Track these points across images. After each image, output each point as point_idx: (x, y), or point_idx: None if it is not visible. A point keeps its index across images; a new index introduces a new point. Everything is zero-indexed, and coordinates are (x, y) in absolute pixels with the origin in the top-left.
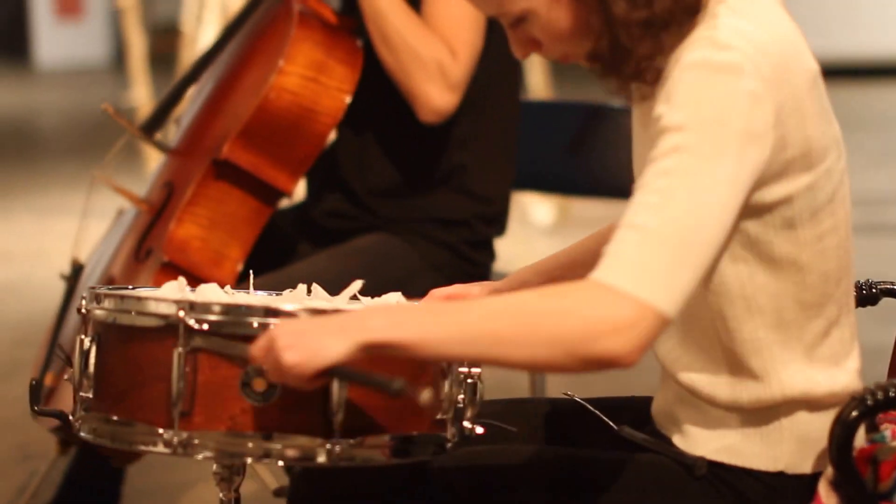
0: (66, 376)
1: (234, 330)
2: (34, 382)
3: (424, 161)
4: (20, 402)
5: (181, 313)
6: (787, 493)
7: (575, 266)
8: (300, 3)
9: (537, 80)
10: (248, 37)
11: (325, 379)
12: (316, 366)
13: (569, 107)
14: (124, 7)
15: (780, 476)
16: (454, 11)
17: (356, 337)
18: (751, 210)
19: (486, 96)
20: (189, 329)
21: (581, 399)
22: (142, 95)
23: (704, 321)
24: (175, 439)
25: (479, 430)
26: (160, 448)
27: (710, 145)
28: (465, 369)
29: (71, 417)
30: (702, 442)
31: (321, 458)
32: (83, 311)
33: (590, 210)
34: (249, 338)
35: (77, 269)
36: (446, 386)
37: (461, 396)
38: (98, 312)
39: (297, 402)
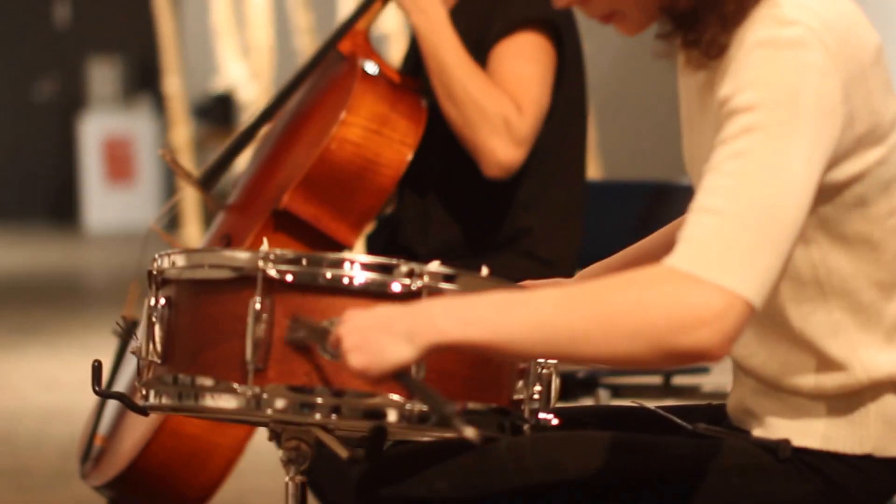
0: (130, 349)
1: (312, 280)
2: (96, 364)
3: (489, 223)
4: None
5: (260, 262)
6: (875, 475)
7: (644, 262)
8: (363, 59)
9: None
10: (308, 94)
11: (390, 381)
12: (381, 369)
13: (636, 186)
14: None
15: (867, 459)
16: (521, 68)
17: (424, 339)
18: (822, 191)
19: (552, 158)
20: (267, 279)
21: (650, 406)
22: (192, 236)
23: (778, 309)
24: (248, 392)
25: (555, 420)
26: (228, 403)
27: (782, 124)
28: (541, 360)
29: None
30: (784, 431)
31: (392, 417)
32: (153, 271)
33: None
34: (327, 289)
35: (130, 326)
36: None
37: (537, 388)
38: (170, 270)
39: None
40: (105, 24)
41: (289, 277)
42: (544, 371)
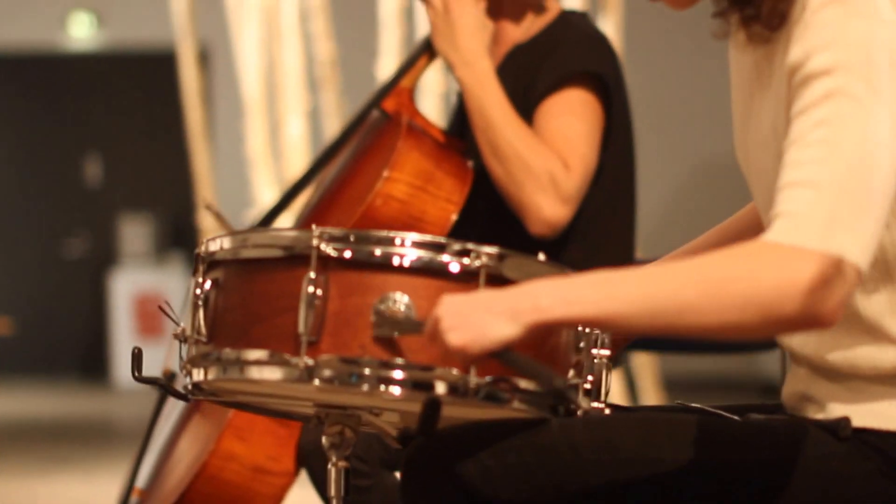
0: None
1: (367, 257)
2: (136, 350)
3: None
4: None
5: (314, 240)
6: None
7: (725, 245)
8: (408, 118)
9: None
10: (352, 154)
11: (490, 361)
12: (482, 347)
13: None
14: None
15: None
16: (568, 124)
17: (528, 317)
18: None
19: (601, 222)
20: (321, 256)
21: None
22: None
23: None
24: (300, 363)
25: (607, 410)
26: (274, 374)
27: (863, 86)
28: (595, 351)
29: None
30: (843, 412)
31: (440, 389)
32: (201, 254)
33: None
34: (380, 265)
35: (170, 378)
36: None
37: (590, 378)
38: (219, 253)
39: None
40: (136, 182)
41: (346, 254)
42: (597, 362)
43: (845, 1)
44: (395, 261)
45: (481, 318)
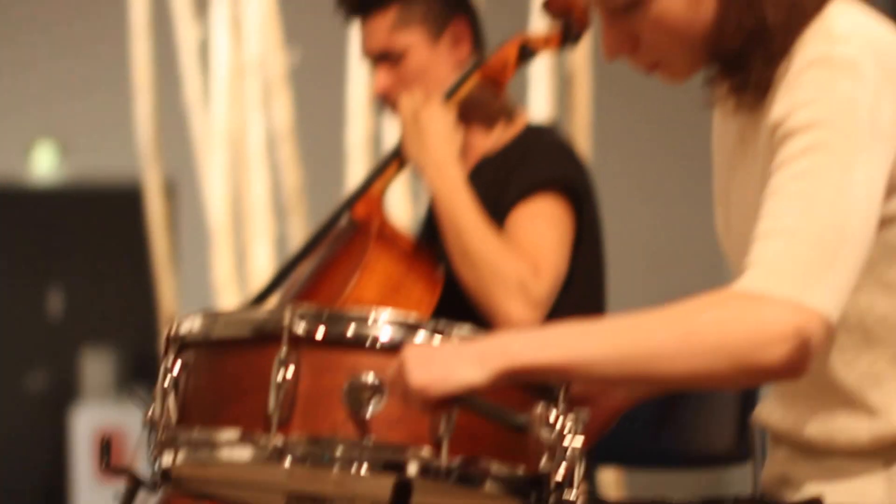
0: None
1: (339, 336)
2: (105, 441)
3: None
4: None
5: (286, 318)
6: None
7: None
8: (378, 224)
9: None
10: (321, 261)
11: (450, 407)
12: (444, 390)
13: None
14: None
15: None
16: (539, 231)
17: (496, 363)
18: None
19: None
20: (293, 335)
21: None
22: None
23: (819, 359)
24: (269, 444)
25: (580, 500)
26: (244, 454)
27: (843, 142)
28: (568, 440)
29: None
30: (820, 492)
31: (412, 469)
32: (170, 335)
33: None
34: (353, 344)
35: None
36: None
37: (563, 466)
38: (189, 334)
39: (404, 416)
40: (98, 315)
41: (318, 333)
42: (571, 450)
43: (829, 62)
44: (368, 340)
45: (447, 361)
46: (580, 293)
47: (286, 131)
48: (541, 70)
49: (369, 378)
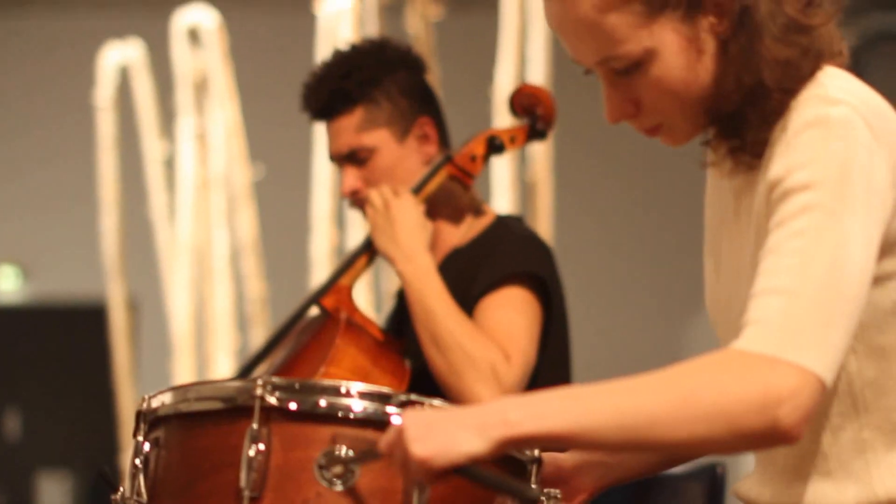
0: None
1: (311, 408)
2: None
3: None
4: None
5: (258, 390)
6: None
7: None
8: (347, 315)
9: None
10: (289, 352)
11: (453, 477)
12: (448, 460)
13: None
14: None
15: None
16: (508, 318)
17: (496, 432)
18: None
19: None
20: (264, 407)
21: None
22: None
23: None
24: None
25: None
26: None
27: (840, 201)
28: None
29: None
30: None
31: None
32: (141, 410)
33: None
34: (324, 416)
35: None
36: None
37: None
38: (160, 409)
39: (378, 489)
40: (56, 438)
41: (291, 405)
42: None
43: (826, 124)
44: (341, 412)
45: (448, 431)
46: (548, 382)
47: (250, 243)
48: (503, 176)
49: (342, 451)
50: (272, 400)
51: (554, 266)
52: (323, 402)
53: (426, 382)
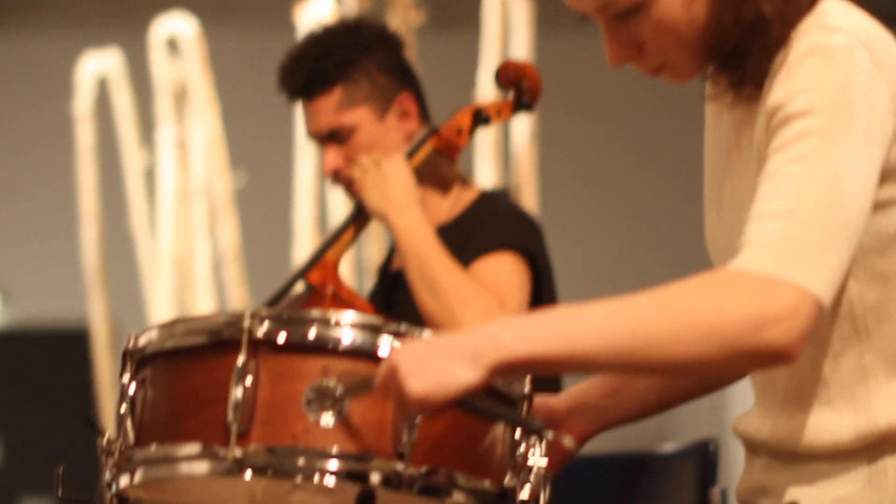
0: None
1: (300, 340)
2: (62, 470)
3: None
4: None
5: (246, 322)
6: None
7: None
8: (333, 289)
9: None
10: None
11: (451, 409)
12: (446, 395)
13: (611, 460)
14: None
15: None
16: (501, 276)
17: (490, 358)
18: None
19: None
20: (252, 340)
21: None
22: None
23: (805, 351)
24: (229, 455)
25: None
26: (202, 468)
27: (839, 127)
28: (533, 460)
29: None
30: (802, 500)
31: (375, 478)
32: (128, 349)
33: None
34: (313, 348)
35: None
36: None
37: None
38: (146, 345)
39: (367, 423)
40: (39, 463)
41: (280, 338)
42: (536, 469)
43: (826, 51)
44: (331, 344)
45: (442, 364)
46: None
47: (232, 254)
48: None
49: (332, 384)
50: (260, 333)
51: (542, 241)
52: (312, 334)
53: None
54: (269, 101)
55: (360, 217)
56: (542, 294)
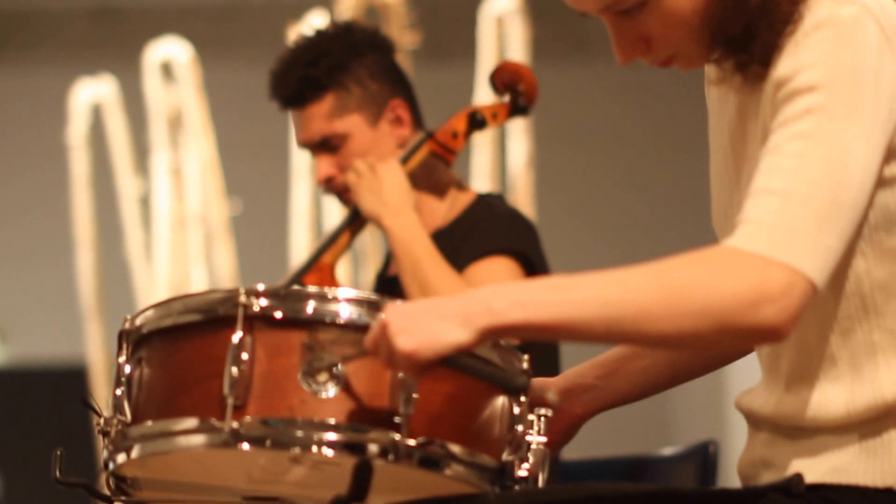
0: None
1: (295, 314)
2: (59, 452)
3: None
4: None
5: (241, 297)
6: None
7: (636, 356)
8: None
9: None
10: None
11: (440, 369)
12: (435, 352)
13: (611, 463)
14: None
15: (888, 493)
16: (497, 278)
17: (481, 321)
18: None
19: None
20: (248, 315)
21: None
22: None
23: (812, 327)
24: (225, 427)
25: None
26: (198, 439)
27: (844, 105)
28: (531, 437)
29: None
30: (800, 470)
31: (373, 449)
32: (124, 329)
33: None
34: (309, 323)
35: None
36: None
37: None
38: (142, 324)
39: (363, 394)
40: (39, 502)
41: (276, 313)
42: (535, 445)
43: (836, 24)
44: (327, 318)
45: (432, 323)
46: (534, 360)
47: (228, 280)
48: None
49: (327, 355)
50: (256, 308)
51: (539, 245)
52: (310, 308)
53: None
54: (265, 127)
55: (355, 221)
56: None
